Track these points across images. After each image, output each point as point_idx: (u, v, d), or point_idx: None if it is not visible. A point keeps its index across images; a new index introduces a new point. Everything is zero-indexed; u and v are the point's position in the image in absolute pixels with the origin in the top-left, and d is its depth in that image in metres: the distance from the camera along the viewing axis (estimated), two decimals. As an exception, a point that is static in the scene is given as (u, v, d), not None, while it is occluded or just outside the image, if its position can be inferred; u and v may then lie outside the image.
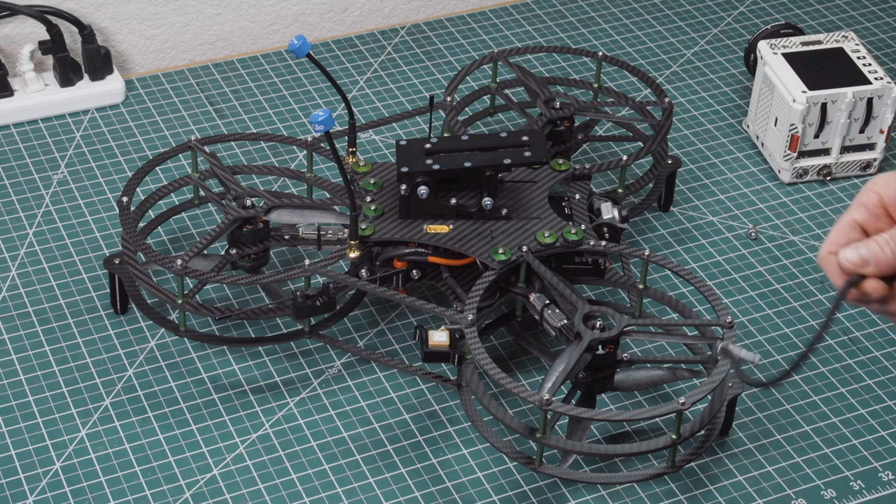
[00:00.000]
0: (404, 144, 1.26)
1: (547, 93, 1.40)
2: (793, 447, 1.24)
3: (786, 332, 1.34)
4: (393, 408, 1.26)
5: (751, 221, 1.46)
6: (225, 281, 1.24)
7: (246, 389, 1.26)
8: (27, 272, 1.36)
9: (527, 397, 1.12)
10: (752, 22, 1.74)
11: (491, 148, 1.26)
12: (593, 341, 1.16)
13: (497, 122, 1.55)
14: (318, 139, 1.35)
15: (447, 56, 1.66)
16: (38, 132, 1.53)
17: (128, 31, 1.62)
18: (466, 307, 1.19)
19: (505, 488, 1.19)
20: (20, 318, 1.32)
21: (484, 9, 1.74)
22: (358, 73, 1.63)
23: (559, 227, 1.25)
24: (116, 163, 1.49)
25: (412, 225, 1.25)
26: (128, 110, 1.56)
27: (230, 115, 1.56)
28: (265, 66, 1.64)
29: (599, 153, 1.53)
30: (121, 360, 1.28)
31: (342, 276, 1.23)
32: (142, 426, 1.23)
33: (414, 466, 1.21)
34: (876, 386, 1.29)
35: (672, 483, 1.20)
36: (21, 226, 1.41)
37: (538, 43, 1.69)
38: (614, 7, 1.75)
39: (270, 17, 1.68)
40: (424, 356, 1.19)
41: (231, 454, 1.21)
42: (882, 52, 1.69)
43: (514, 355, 1.30)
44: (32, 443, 1.21)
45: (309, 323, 1.27)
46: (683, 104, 1.60)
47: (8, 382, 1.26)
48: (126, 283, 1.30)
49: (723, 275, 1.40)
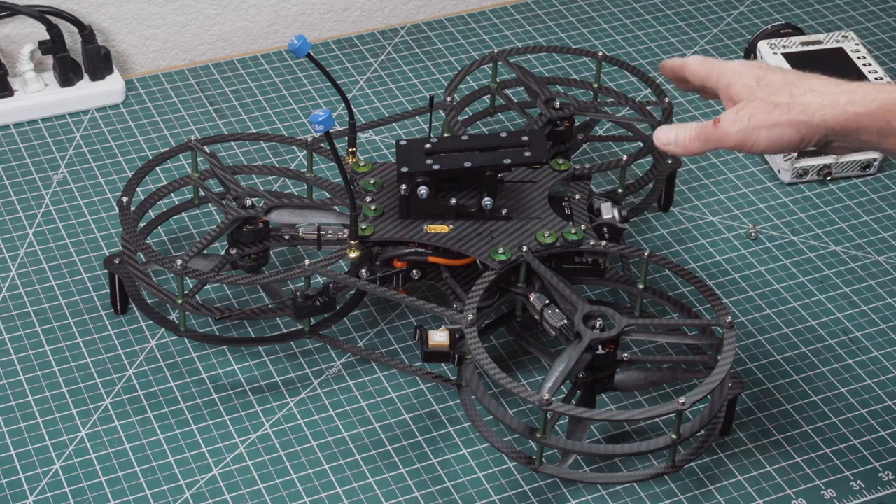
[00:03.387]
0: (404, 144, 1.26)
1: (547, 93, 1.40)
2: (793, 447, 1.24)
3: (786, 332, 1.34)
4: (393, 408, 1.26)
5: (751, 221, 1.46)
6: (225, 281, 1.24)
7: (246, 389, 1.26)
8: (27, 272, 1.36)
9: (527, 397, 1.12)
10: (752, 22, 1.74)
11: (491, 148, 1.26)
12: (593, 341, 1.16)
13: (497, 122, 1.55)
14: (318, 139, 1.35)
15: (447, 56, 1.66)
16: (38, 132, 1.53)
17: (128, 31, 1.62)
18: (466, 307, 1.19)
19: (505, 488, 1.19)
20: (20, 318, 1.32)
21: (484, 9, 1.74)
22: (358, 73, 1.63)
23: (559, 227, 1.25)
24: (116, 163, 1.49)
25: (412, 225, 1.25)
26: (128, 110, 1.56)
27: (230, 115, 1.56)
28: (265, 66, 1.64)
29: (599, 153, 1.53)
30: (121, 360, 1.28)
31: (342, 276, 1.23)
32: (142, 426, 1.23)
33: (414, 466, 1.21)
34: (876, 386, 1.29)
35: (672, 483, 1.20)
36: (21, 226, 1.41)
37: (538, 43, 1.69)
38: (614, 7, 1.75)
39: (270, 17, 1.68)
40: (424, 356, 1.19)
41: (231, 454, 1.21)
42: (882, 52, 1.69)
43: (514, 355, 1.30)
44: (32, 443, 1.21)
45: (309, 323, 1.27)
46: (683, 104, 1.60)
47: (8, 382, 1.26)
48: (126, 283, 1.30)
49: (723, 275, 1.40)
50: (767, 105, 1.09)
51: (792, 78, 1.11)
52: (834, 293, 1.38)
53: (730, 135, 1.10)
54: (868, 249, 1.43)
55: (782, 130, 1.09)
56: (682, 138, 1.13)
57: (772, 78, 1.11)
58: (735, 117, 1.10)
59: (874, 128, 1.07)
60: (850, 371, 1.31)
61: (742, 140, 1.10)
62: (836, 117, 1.08)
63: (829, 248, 1.43)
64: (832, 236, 1.45)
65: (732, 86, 1.12)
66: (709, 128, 1.11)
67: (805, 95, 1.09)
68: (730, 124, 1.10)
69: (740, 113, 1.10)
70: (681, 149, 1.14)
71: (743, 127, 1.09)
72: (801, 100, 1.09)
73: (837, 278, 1.40)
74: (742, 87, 1.11)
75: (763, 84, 1.10)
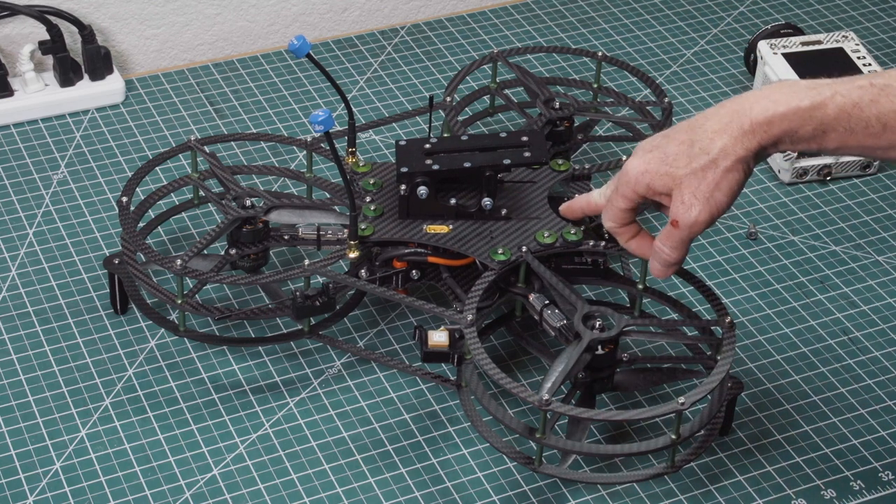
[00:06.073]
0: (404, 144, 1.26)
1: (547, 93, 1.40)
2: (793, 447, 1.24)
3: (786, 332, 1.34)
4: (393, 408, 1.26)
5: (751, 221, 1.46)
6: (225, 281, 1.24)
7: (246, 389, 1.26)
8: (27, 272, 1.36)
9: (526, 398, 1.12)
10: (752, 22, 1.74)
11: (491, 148, 1.26)
12: (593, 341, 1.16)
13: (497, 122, 1.55)
14: (318, 139, 1.35)
15: (447, 56, 1.66)
16: (38, 132, 1.53)
17: (128, 31, 1.62)
18: (466, 307, 1.19)
19: (505, 488, 1.19)
20: (20, 318, 1.32)
21: (484, 9, 1.74)
22: (358, 73, 1.63)
23: (559, 228, 1.25)
24: (116, 163, 1.49)
25: (412, 225, 1.25)
26: (128, 110, 1.56)
27: (230, 115, 1.56)
28: (265, 66, 1.64)
29: (599, 153, 1.53)
30: (121, 360, 1.28)
31: (342, 276, 1.23)
32: (142, 426, 1.23)
33: (414, 466, 1.21)
34: (876, 386, 1.29)
35: (672, 483, 1.20)
36: (21, 226, 1.41)
37: (538, 43, 1.69)
38: (614, 7, 1.75)
39: (270, 17, 1.68)
40: (424, 356, 1.19)
41: (231, 454, 1.21)
42: (882, 52, 1.69)
43: (514, 355, 1.30)
44: (32, 443, 1.21)
45: (309, 323, 1.27)
46: (683, 104, 1.60)
47: (8, 382, 1.26)
48: (126, 283, 1.30)
49: (723, 275, 1.40)
50: (696, 174, 1.05)
51: (683, 135, 1.06)
52: (834, 293, 1.38)
53: (696, 222, 1.06)
54: (868, 249, 1.43)
55: (728, 179, 1.05)
56: (664, 262, 1.10)
57: (670, 149, 1.06)
58: (685, 206, 1.06)
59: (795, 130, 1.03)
60: (850, 371, 1.31)
61: (709, 215, 1.06)
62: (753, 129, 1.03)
63: (829, 248, 1.43)
64: (832, 236, 1.45)
65: (651, 184, 1.07)
66: (674, 233, 1.07)
67: (712, 141, 1.04)
68: (687, 215, 1.06)
69: (684, 199, 1.06)
70: (673, 268, 1.11)
71: (699, 207, 1.05)
72: (712, 145, 1.04)
73: (837, 278, 1.40)
74: (658, 179, 1.06)
75: (670, 162, 1.06)
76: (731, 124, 1.04)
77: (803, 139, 1.03)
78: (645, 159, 1.08)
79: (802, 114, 1.02)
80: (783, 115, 1.02)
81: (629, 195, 1.09)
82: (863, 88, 1.01)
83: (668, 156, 1.06)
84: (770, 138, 1.03)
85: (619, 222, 1.12)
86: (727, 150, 1.04)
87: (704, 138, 1.05)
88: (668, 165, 1.06)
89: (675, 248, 1.09)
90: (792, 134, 1.03)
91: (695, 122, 1.06)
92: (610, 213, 1.12)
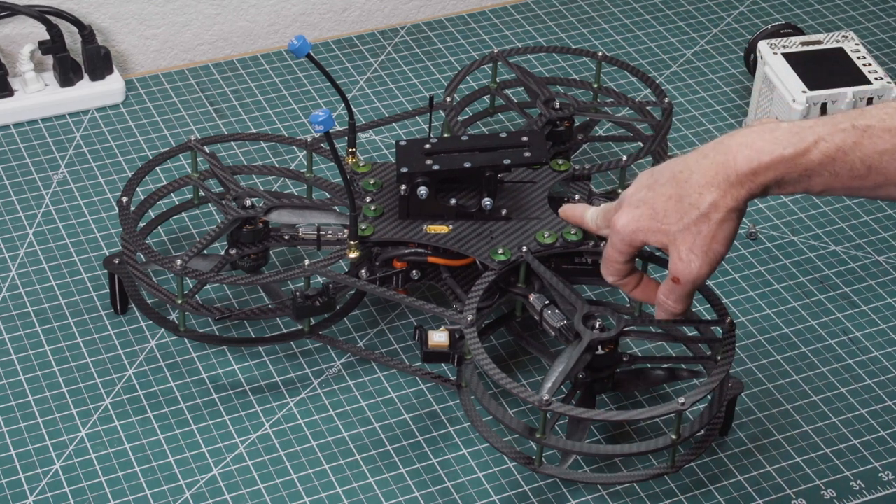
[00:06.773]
0: (404, 144, 1.26)
1: (547, 93, 1.40)
2: (793, 447, 1.24)
3: (786, 332, 1.34)
4: (393, 408, 1.26)
5: (751, 221, 1.46)
6: (225, 281, 1.24)
7: (246, 389, 1.26)
8: (27, 272, 1.36)
9: (526, 398, 1.12)
10: (752, 22, 1.74)
11: (491, 148, 1.26)
12: (593, 342, 1.16)
13: (497, 122, 1.55)
14: (318, 139, 1.35)
15: (447, 56, 1.66)
16: (38, 132, 1.53)
17: (128, 31, 1.62)
18: (466, 307, 1.19)
19: (505, 488, 1.19)
20: (20, 318, 1.32)
21: (484, 9, 1.74)
22: (358, 73, 1.63)
23: (559, 228, 1.25)
24: (116, 163, 1.49)
25: (412, 225, 1.25)
26: (128, 110, 1.56)
27: (230, 115, 1.56)
28: (265, 66, 1.64)
29: (599, 153, 1.53)
30: (121, 360, 1.28)
31: (342, 277, 1.23)
32: (142, 426, 1.23)
33: (414, 466, 1.21)
34: (876, 386, 1.29)
35: (672, 483, 1.20)
36: (21, 226, 1.41)
37: (538, 43, 1.69)
38: (614, 7, 1.75)
39: (270, 17, 1.68)
40: (424, 356, 1.19)
41: (231, 454, 1.21)
42: (882, 52, 1.69)
43: (514, 355, 1.30)
44: (32, 443, 1.21)
45: (309, 323, 1.27)
46: (683, 104, 1.60)
47: (8, 382, 1.26)
48: (126, 283, 1.30)
49: (723, 275, 1.40)
50: (689, 229, 1.03)
51: (670, 189, 1.04)
52: (834, 293, 1.38)
53: (698, 276, 1.05)
54: (868, 249, 1.43)
55: (723, 230, 1.04)
56: (670, 314, 1.09)
57: (658, 205, 1.04)
58: (683, 262, 1.04)
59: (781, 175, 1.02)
60: (850, 371, 1.31)
61: (710, 267, 1.04)
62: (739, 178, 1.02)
63: (829, 248, 1.43)
64: (832, 236, 1.45)
65: (646, 241, 1.06)
66: (677, 287, 1.06)
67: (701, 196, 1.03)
68: (687, 271, 1.05)
69: (682, 255, 1.04)
70: (681, 316, 1.10)
71: (698, 262, 1.04)
72: (702, 200, 1.03)
73: (837, 278, 1.40)
74: (652, 236, 1.05)
75: (660, 219, 1.04)
76: (717, 177, 1.02)
77: (790, 183, 1.02)
78: (635, 216, 1.06)
79: (787, 162, 1.00)
80: (768, 164, 1.01)
81: (625, 250, 1.09)
82: (846, 132, 0.99)
83: (658, 212, 1.05)
84: (758, 187, 1.02)
85: (620, 275, 1.12)
86: (718, 204, 1.02)
87: (693, 193, 1.03)
88: (658, 222, 1.05)
89: (679, 301, 1.08)
90: (779, 180, 1.02)
91: (679, 175, 1.04)
92: (610, 269, 1.12)
